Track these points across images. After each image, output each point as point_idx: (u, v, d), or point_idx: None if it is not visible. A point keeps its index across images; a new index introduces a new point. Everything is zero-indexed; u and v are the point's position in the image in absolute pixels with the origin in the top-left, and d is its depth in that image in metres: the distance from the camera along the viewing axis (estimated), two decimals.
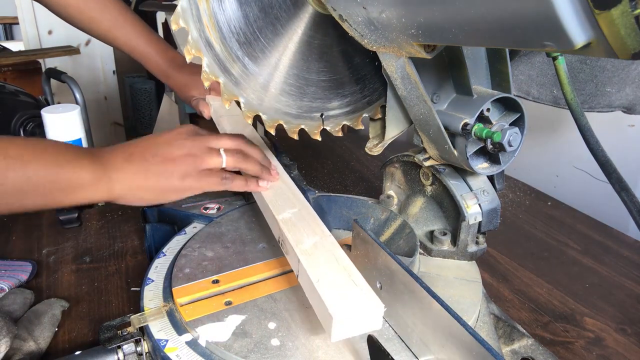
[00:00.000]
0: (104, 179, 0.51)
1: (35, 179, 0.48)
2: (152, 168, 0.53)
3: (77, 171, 0.50)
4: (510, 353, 0.55)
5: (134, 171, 0.53)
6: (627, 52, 0.25)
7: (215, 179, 0.55)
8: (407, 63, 0.49)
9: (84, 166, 0.51)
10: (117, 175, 0.52)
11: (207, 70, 0.55)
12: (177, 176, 0.53)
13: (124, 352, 0.46)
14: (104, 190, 0.52)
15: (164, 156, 0.54)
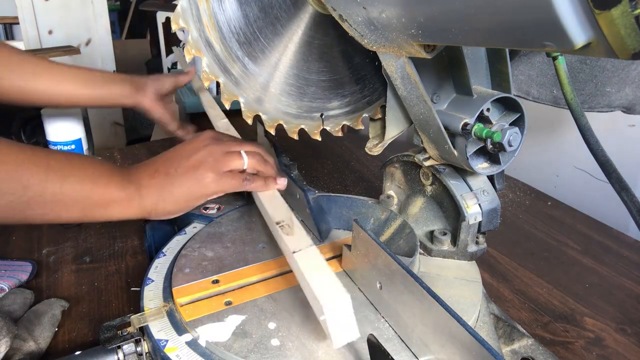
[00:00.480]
0: (135, 196, 0.54)
1: (72, 192, 0.49)
2: (176, 180, 0.55)
3: (111, 188, 0.52)
4: (510, 353, 0.55)
5: (160, 186, 0.54)
6: (627, 52, 0.25)
7: (237, 181, 0.57)
8: (407, 63, 0.49)
9: (116, 183, 0.53)
10: (146, 192, 0.54)
11: (207, 70, 0.55)
12: (201, 182, 0.55)
13: (124, 352, 0.46)
14: (136, 207, 0.54)
15: (186, 167, 0.55)
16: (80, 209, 0.51)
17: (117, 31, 3.46)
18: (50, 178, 0.48)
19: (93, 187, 0.51)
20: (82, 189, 0.50)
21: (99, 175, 0.52)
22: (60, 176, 0.49)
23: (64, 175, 0.49)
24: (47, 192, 0.48)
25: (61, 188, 0.49)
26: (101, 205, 0.52)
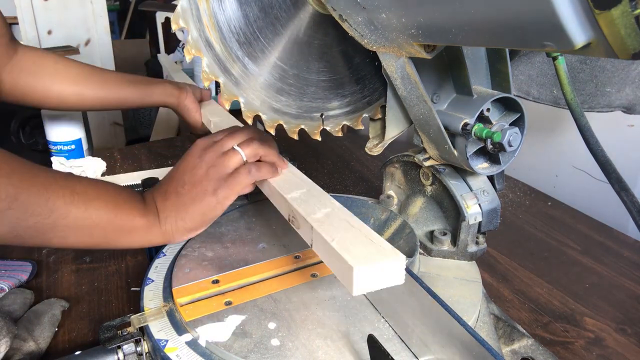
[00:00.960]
0: (155, 222, 0.54)
1: (96, 217, 0.50)
2: (186, 198, 0.55)
3: (134, 214, 0.53)
4: (510, 353, 0.55)
5: (174, 206, 0.55)
6: (627, 52, 0.25)
7: (243, 176, 0.55)
8: (407, 63, 0.49)
9: (138, 210, 0.53)
10: (163, 215, 0.54)
11: (207, 70, 0.55)
12: (209, 194, 0.54)
13: (124, 352, 0.46)
14: (158, 233, 0.54)
15: (191, 182, 0.55)
16: (103, 235, 0.51)
17: (116, 31, 3.46)
18: (75, 201, 0.48)
19: (117, 212, 0.51)
20: (106, 214, 0.50)
21: (122, 201, 0.52)
22: (84, 200, 0.49)
23: (88, 199, 0.49)
24: (71, 215, 0.48)
25: (85, 212, 0.49)
26: (124, 231, 0.52)
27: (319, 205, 0.49)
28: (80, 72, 0.82)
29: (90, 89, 0.81)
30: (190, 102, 0.85)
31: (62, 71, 0.80)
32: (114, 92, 0.83)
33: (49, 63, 0.80)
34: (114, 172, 0.98)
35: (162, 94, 0.85)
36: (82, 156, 1.04)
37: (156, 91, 0.84)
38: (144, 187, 0.70)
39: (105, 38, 2.26)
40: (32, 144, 1.27)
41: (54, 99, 0.81)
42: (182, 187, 0.55)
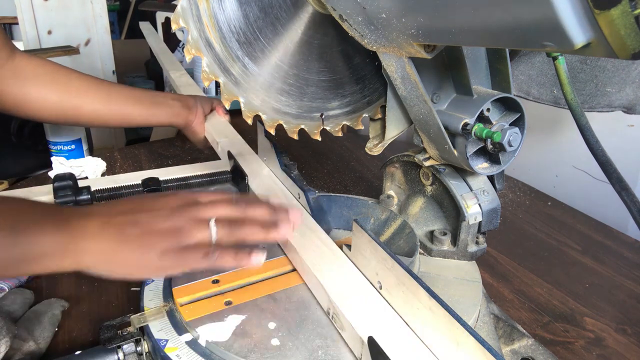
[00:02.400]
0: (70, 248, 0.45)
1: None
2: (128, 240, 0.46)
3: (38, 239, 0.44)
4: (510, 353, 0.55)
5: (107, 241, 0.46)
6: (627, 52, 0.25)
7: (196, 256, 0.46)
8: (407, 63, 0.49)
9: (46, 232, 0.44)
10: (88, 245, 0.45)
11: (207, 70, 0.55)
12: (155, 253, 0.45)
13: (124, 352, 0.46)
14: (71, 261, 0.45)
15: (144, 228, 0.46)
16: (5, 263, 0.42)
17: (116, 31, 3.46)
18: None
19: (15, 239, 0.42)
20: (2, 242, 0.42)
21: (25, 224, 0.44)
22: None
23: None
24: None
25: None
26: (27, 259, 0.43)
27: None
28: (82, 84, 0.77)
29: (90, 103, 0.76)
30: (197, 125, 0.83)
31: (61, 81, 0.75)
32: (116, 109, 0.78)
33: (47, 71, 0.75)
34: (114, 172, 0.98)
35: (169, 114, 0.81)
36: (82, 156, 1.04)
37: (163, 111, 0.81)
38: (144, 187, 0.69)
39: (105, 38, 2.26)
40: (33, 144, 1.27)
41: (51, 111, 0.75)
42: (131, 227, 0.46)
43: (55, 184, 0.68)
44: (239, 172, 0.72)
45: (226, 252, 0.47)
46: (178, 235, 0.46)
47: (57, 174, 0.70)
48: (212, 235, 0.47)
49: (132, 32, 3.43)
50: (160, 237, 0.46)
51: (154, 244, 0.46)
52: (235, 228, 0.48)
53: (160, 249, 0.45)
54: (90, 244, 0.45)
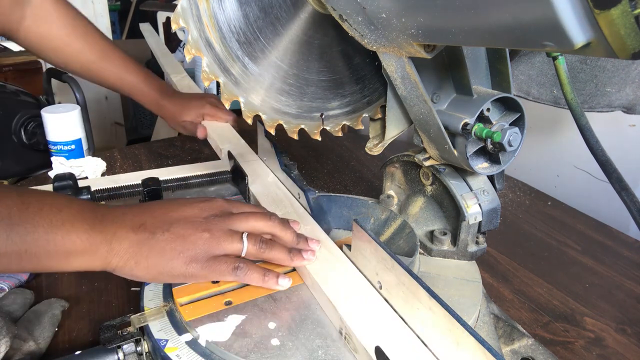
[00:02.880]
0: (102, 248, 0.46)
1: (22, 243, 0.42)
2: (157, 245, 0.47)
3: (71, 236, 0.44)
4: (510, 353, 0.55)
5: (137, 245, 0.46)
6: (627, 52, 0.25)
7: (225, 268, 0.47)
8: (407, 63, 0.49)
9: (79, 231, 0.45)
10: (118, 247, 0.46)
11: (207, 70, 0.55)
12: (182, 258, 0.47)
13: (124, 352, 0.46)
14: (100, 260, 0.46)
15: (176, 233, 0.47)
16: (33, 261, 0.43)
17: (117, 31, 3.46)
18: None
19: (49, 234, 0.43)
20: (36, 238, 0.43)
21: (60, 221, 0.44)
22: (7, 225, 0.42)
23: (11, 223, 0.42)
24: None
25: (8, 239, 0.41)
26: (58, 255, 0.44)
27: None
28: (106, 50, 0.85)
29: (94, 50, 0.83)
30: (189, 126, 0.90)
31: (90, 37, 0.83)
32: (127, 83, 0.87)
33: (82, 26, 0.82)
34: (114, 172, 0.98)
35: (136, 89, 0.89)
36: (82, 156, 1.04)
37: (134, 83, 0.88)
38: (144, 187, 0.69)
39: None
40: (34, 144, 1.27)
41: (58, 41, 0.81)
42: (162, 233, 0.47)
43: (55, 184, 0.68)
44: (239, 172, 0.72)
45: (255, 270, 0.49)
46: (208, 244, 0.47)
47: (57, 174, 0.70)
48: (243, 250, 0.49)
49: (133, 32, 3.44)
50: (190, 244, 0.47)
51: (182, 249, 0.47)
52: (264, 247, 0.50)
53: (188, 256, 0.46)
54: (120, 246, 0.46)
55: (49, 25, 0.80)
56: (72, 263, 0.45)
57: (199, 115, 0.92)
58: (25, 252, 0.42)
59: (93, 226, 0.46)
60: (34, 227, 0.43)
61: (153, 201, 0.53)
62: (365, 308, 0.46)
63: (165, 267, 0.47)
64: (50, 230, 0.43)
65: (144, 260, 0.46)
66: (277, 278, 0.50)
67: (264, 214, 0.53)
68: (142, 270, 0.47)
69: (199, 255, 0.47)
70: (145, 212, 0.49)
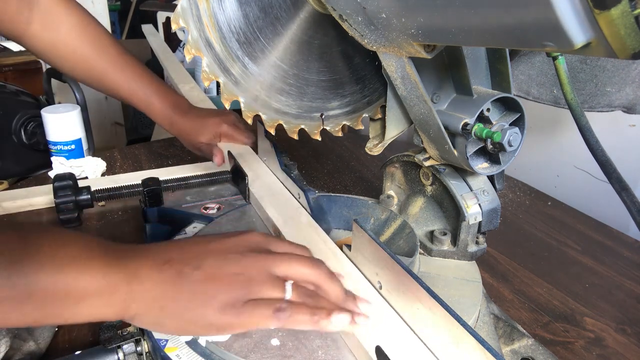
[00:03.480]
0: (120, 290, 0.38)
1: (23, 285, 0.35)
2: (187, 286, 0.39)
3: (83, 276, 0.37)
4: (510, 353, 0.55)
5: (162, 285, 0.39)
6: (627, 52, 0.25)
7: (265, 311, 0.39)
8: (407, 63, 0.49)
9: (93, 270, 0.37)
10: (141, 288, 0.39)
11: (207, 70, 0.55)
12: (216, 305, 0.39)
13: (124, 352, 0.46)
14: (117, 306, 0.38)
15: (209, 272, 0.40)
16: (37, 308, 0.36)
17: (117, 31, 3.46)
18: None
19: (57, 275, 0.36)
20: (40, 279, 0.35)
21: (69, 258, 0.37)
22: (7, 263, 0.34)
23: (12, 261, 0.35)
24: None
25: (8, 281, 0.34)
26: (67, 300, 0.37)
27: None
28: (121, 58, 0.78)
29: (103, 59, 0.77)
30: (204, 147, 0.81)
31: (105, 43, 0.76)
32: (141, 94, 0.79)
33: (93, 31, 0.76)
34: (114, 172, 0.98)
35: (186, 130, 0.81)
36: (82, 156, 1.04)
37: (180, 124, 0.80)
38: (144, 187, 0.69)
39: None
40: (34, 144, 1.27)
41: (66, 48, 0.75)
42: (192, 270, 0.40)
43: (55, 184, 0.69)
44: (239, 172, 0.72)
45: (300, 310, 0.40)
46: (247, 288, 0.40)
47: (57, 174, 0.70)
48: (286, 294, 0.41)
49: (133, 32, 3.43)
50: (225, 284, 0.40)
51: (216, 293, 0.39)
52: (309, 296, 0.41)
53: (222, 301, 0.39)
54: (142, 286, 0.39)
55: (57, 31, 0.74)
56: (82, 310, 0.37)
57: (216, 136, 0.81)
58: (28, 298, 0.35)
59: (109, 263, 0.39)
60: (40, 265, 0.35)
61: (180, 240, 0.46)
62: (365, 308, 0.45)
63: (196, 313, 0.39)
64: (59, 269, 0.36)
65: (171, 304, 0.39)
66: (329, 316, 0.40)
67: (310, 259, 0.44)
68: (168, 317, 0.39)
69: (235, 301, 0.39)
70: (172, 246, 0.43)
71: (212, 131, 0.81)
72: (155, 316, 0.39)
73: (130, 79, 0.79)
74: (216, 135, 0.81)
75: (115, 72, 0.78)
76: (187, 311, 0.39)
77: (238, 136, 0.81)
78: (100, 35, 0.78)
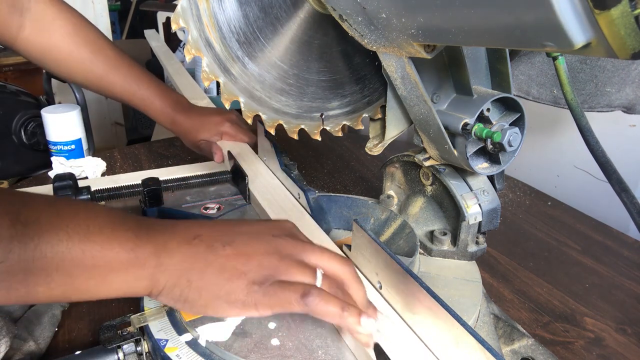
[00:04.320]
0: (149, 263, 0.37)
1: (52, 256, 0.34)
2: (217, 261, 0.39)
3: (112, 246, 0.36)
4: (510, 353, 0.55)
5: (191, 259, 0.38)
6: (627, 52, 0.25)
7: (292, 294, 0.38)
8: (407, 63, 0.49)
9: (122, 239, 0.37)
10: (169, 261, 0.38)
11: (207, 70, 0.55)
12: (244, 280, 0.38)
13: (124, 352, 0.46)
14: (146, 280, 0.38)
15: (240, 249, 0.39)
16: (65, 280, 0.35)
17: (117, 31, 3.46)
18: (20, 234, 0.33)
19: (85, 244, 0.35)
20: (68, 249, 0.34)
21: (97, 228, 0.36)
22: (34, 232, 0.33)
23: (40, 230, 0.33)
24: (12, 256, 0.32)
25: (35, 249, 0.33)
26: (94, 272, 0.36)
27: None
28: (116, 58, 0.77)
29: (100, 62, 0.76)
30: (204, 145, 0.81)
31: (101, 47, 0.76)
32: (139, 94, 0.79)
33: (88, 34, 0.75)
34: (114, 172, 0.98)
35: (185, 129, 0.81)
36: (82, 156, 1.04)
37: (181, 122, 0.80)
38: (144, 187, 0.69)
39: None
40: (34, 144, 1.27)
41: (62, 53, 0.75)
42: (222, 246, 0.39)
43: (55, 184, 0.68)
44: (239, 172, 0.72)
45: (331, 300, 0.38)
46: (276, 268, 0.39)
47: (57, 174, 0.70)
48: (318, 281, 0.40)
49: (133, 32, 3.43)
50: (255, 262, 0.39)
51: (245, 270, 0.38)
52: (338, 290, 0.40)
53: (251, 278, 0.38)
54: (171, 260, 0.38)
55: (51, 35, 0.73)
56: (111, 283, 0.37)
57: (217, 134, 0.81)
58: (55, 270, 0.34)
59: (138, 235, 0.38)
60: (68, 236, 0.35)
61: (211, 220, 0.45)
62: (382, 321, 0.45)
63: (223, 288, 0.38)
64: (86, 238, 0.35)
65: (198, 278, 0.38)
66: (359, 316, 0.38)
67: (341, 257, 0.44)
68: (194, 292, 0.38)
69: (263, 279, 0.39)
70: (202, 224, 0.42)
71: (214, 129, 0.82)
72: (181, 290, 0.39)
73: (129, 79, 0.78)
74: (218, 133, 0.81)
75: (113, 73, 0.78)
76: (214, 286, 0.38)
77: (240, 135, 0.82)
78: (96, 37, 0.77)
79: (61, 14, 0.74)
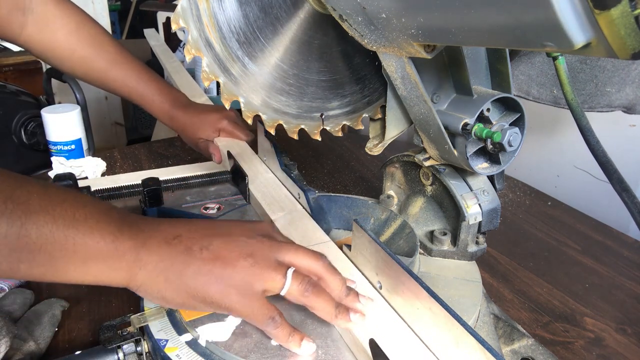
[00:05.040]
0: (129, 256, 0.40)
1: (36, 236, 0.36)
2: (193, 263, 0.41)
3: (94, 234, 0.38)
4: (510, 353, 0.55)
5: (170, 259, 0.41)
6: (627, 52, 0.25)
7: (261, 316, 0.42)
8: (407, 63, 0.49)
9: (104, 231, 0.39)
10: (147, 258, 0.40)
11: (207, 70, 0.55)
12: (219, 285, 0.41)
13: (124, 352, 0.46)
14: (124, 271, 0.40)
15: (217, 253, 0.42)
16: (46, 261, 0.37)
17: (117, 31, 3.46)
18: (9, 211, 0.35)
19: (68, 229, 0.37)
20: (53, 232, 0.36)
21: (83, 215, 0.38)
22: (22, 212, 0.35)
23: (28, 211, 0.36)
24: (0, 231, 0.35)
25: (22, 229, 0.35)
26: (76, 257, 0.38)
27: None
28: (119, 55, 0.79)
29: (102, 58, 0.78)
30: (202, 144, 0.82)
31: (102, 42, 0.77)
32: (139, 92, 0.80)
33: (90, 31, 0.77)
34: (114, 172, 0.98)
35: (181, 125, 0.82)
36: (82, 156, 1.04)
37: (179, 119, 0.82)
38: (144, 187, 0.69)
39: None
40: (34, 144, 1.28)
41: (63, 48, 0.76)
42: (200, 250, 0.41)
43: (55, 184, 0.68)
44: (239, 172, 0.72)
45: (283, 327, 0.42)
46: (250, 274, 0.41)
47: (57, 174, 0.70)
48: (284, 288, 0.42)
49: (133, 32, 3.43)
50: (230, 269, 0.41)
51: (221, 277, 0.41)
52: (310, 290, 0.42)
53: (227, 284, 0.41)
54: (150, 257, 0.40)
55: (53, 32, 0.74)
56: (89, 270, 0.39)
57: (215, 131, 0.82)
58: (38, 251, 0.36)
59: (121, 229, 0.40)
60: (54, 219, 0.37)
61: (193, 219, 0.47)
62: (365, 308, 0.45)
63: (199, 291, 0.41)
64: (71, 225, 0.37)
65: (175, 278, 0.40)
66: (300, 341, 0.42)
67: (315, 252, 0.46)
68: (171, 290, 0.41)
69: (238, 285, 0.41)
70: (182, 224, 0.44)
71: (212, 126, 0.82)
72: (159, 288, 0.41)
73: (130, 76, 0.80)
74: (216, 130, 0.82)
75: (115, 70, 0.79)
76: (191, 288, 0.41)
77: (238, 133, 0.82)
78: (98, 34, 0.79)
79: (63, 12, 0.76)
